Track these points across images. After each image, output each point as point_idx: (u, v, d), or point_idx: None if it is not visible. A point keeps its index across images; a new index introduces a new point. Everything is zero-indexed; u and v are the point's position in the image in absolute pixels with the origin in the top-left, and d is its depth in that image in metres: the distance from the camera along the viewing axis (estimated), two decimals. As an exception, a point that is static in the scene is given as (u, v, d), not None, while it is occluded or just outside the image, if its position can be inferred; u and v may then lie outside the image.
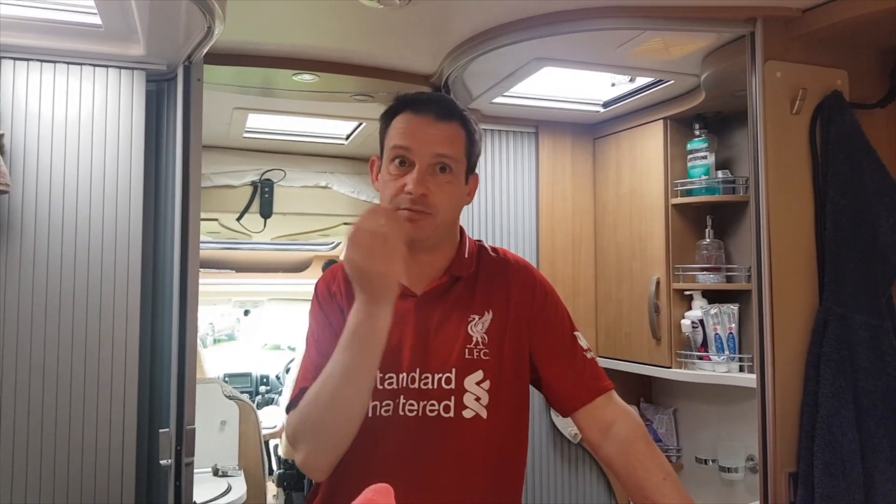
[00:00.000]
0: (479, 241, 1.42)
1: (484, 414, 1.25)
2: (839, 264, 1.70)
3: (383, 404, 1.25)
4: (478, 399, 1.25)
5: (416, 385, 1.25)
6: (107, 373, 1.79)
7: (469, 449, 1.25)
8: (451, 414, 1.24)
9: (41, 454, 1.73)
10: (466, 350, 1.27)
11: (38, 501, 1.72)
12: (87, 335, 1.78)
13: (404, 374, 1.25)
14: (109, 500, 1.78)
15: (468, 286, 1.33)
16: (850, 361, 1.66)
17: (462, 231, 1.39)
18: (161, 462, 1.79)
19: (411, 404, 1.24)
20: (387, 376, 1.26)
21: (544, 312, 1.34)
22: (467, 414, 1.25)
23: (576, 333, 1.37)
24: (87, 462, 1.77)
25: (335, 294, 1.32)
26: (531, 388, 1.37)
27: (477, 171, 1.37)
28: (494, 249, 1.41)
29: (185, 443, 1.78)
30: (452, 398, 1.24)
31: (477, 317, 1.30)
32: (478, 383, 1.26)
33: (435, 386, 1.25)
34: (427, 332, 1.28)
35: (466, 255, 1.35)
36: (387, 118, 1.31)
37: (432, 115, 1.26)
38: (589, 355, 1.35)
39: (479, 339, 1.28)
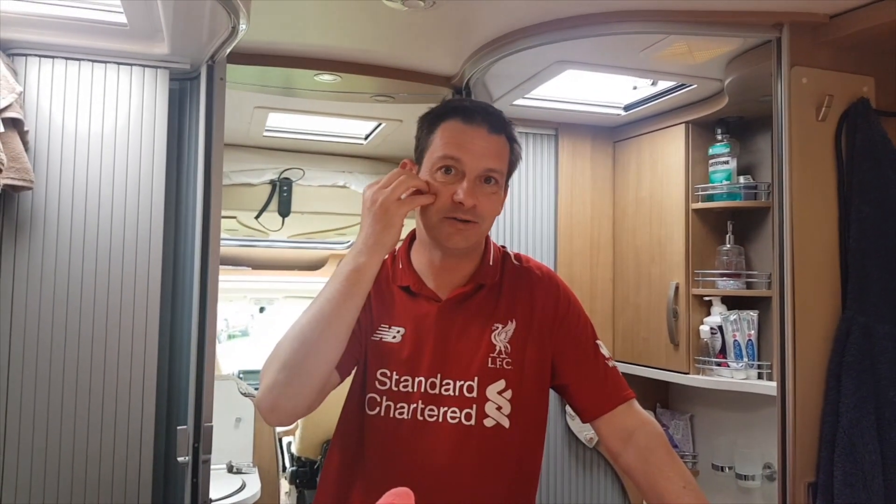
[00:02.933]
0: (503, 246, 1.42)
1: (506, 423, 1.25)
2: (863, 273, 1.68)
3: (397, 406, 1.25)
4: (499, 408, 1.25)
5: (436, 391, 1.25)
6: (126, 369, 1.81)
7: (489, 457, 1.24)
8: (473, 422, 1.24)
9: (59, 448, 1.75)
10: (490, 359, 1.26)
11: (56, 495, 1.74)
12: (107, 331, 1.80)
13: (422, 379, 1.25)
14: (127, 495, 1.79)
15: (492, 294, 1.32)
16: (873, 372, 1.65)
17: (487, 237, 1.38)
18: (178, 459, 1.80)
19: (431, 409, 1.24)
20: (402, 378, 1.26)
21: (567, 321, 1.34)
22: (488, 423, 1.25)
23: (598, 342, 1.36)
24: (106, 457, 1.78)
25: None
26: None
27: None
28: (518, 257, 1.40)
29: (202, 440, 1.79)
30: (474, 406, 1.24)
31: (500, 326, 1.29)
32: (500, 392, 1.26)
33: (456, 393, 1.25)
34: (448, 339, 1.28)
35: (491, 263, 1.35)
36: (431, 122, 1.27)
37: (485, 128, 1.24)
38: (610, 364, 1.35)
39: (503, 349, 1.28)
